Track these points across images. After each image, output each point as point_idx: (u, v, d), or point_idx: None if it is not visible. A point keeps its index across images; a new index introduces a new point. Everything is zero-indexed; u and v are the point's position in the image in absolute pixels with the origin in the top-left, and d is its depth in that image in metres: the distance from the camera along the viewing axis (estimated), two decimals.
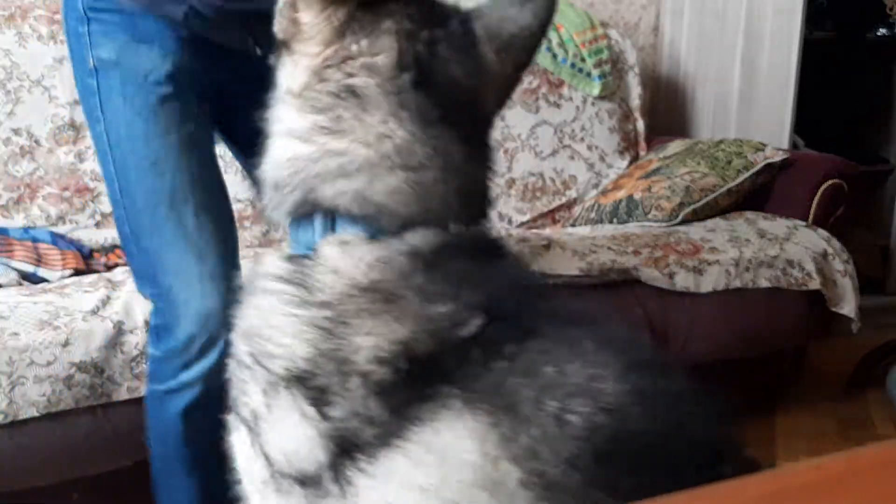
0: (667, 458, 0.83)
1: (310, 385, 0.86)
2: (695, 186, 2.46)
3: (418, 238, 0.90)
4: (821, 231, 2.36)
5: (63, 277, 1.90)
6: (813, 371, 2.69)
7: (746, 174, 2.49)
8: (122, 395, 1.58)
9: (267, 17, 0.95)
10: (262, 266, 0.94)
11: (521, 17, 0.96)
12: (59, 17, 2.19)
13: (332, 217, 0.91)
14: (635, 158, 2.93)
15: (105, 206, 2.19)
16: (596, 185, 2.84)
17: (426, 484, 0.83)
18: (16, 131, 2.13)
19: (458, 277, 0.89)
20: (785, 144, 2.82)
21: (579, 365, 0.85)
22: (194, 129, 1.36)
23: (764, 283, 2.20)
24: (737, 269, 2.17)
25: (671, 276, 2.09)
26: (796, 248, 2.26)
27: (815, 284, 2.24)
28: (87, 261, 2.06)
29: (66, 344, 1.54)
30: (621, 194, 2.57)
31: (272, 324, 0.89)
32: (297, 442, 0.86)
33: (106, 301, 1.65)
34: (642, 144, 2.99)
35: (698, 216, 2.44)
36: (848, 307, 2.31)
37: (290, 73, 0.93)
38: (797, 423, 2.36)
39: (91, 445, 1.60)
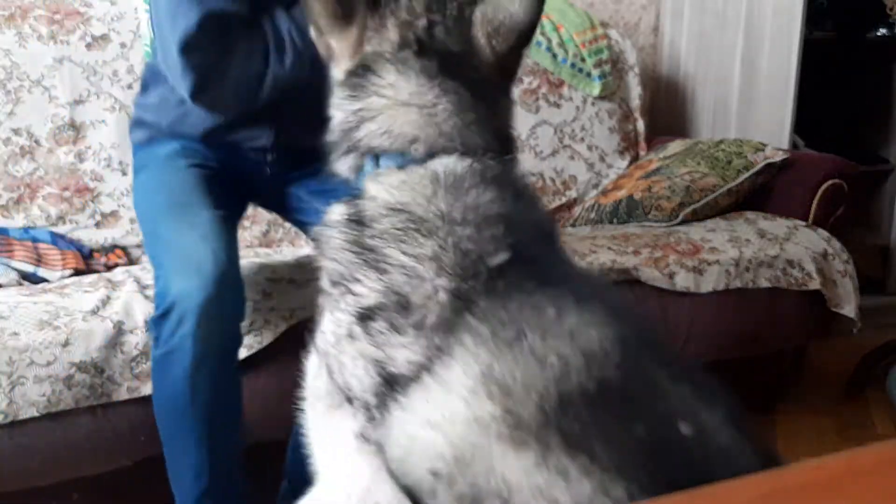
0: (636, 409, 0.89)
1: (363, 308, 0.99)
2: (695, 186, 2.46)
3: (441, 164, 1.05)
4: (821, 231, 2.36)
5: (63, 277, 1.90)
6: (813, 371, 2.70)
7: (746, 174, 2.49)
8: (123, 394, 1.58)
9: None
10: (328, 214, 1.11)
11: (512, 7, 1.11)
12: (58, 17, 2.20)
13: (375, 157, 1.08)
14: (635, 158, 2.93)
15: (105, 206, 2.19)
16: (596, 186, 2.84)
17: (434, 419, 0.91)
18: (16, 131, 2.13)
19: (481, 206, 1.02)
20: (785, 144, 2.81)
21: (575, 315, 0.93)
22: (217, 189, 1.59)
23: (764, 283, 2.20)
24: (737, 269, 2.17)
25: (671, 276, 2.09)
26: (796, 248, 2.26)
27: (815, 285, 2.24)
28: (87, 261, 2.06)
29: (66, 344, 1.54)
30: (621, 194, 2.57)
31: (340, 264, 1.04)
32: (349, 362, 0.98)
33: (106, 301, 1.65)
34: (642, 144, 2.99)
35: (698, 216, 2.44)
36: (848, 307, 2.31)
37: (335, 72, 1.15)
38: (797, 423, 2.36)
39: (91, 445, 1.60)
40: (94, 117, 2.19)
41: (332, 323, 1.03)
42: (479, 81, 1.11)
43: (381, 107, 1.09)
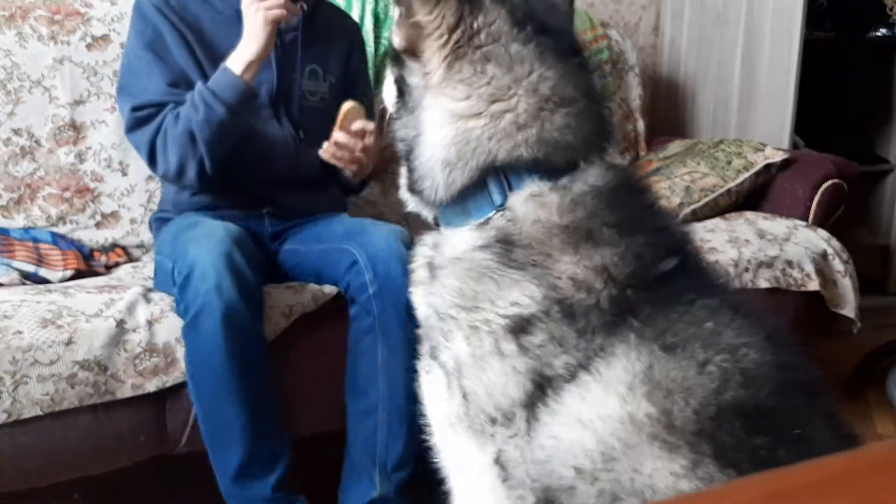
0: (783, 435, 0.88)
1: (514, 321, 0.96)
2: (695, 187, 2.46)
3: (594, 176, 1.00)
4: (821, 231, 2.36)
5: (64, 278, 1.90)
6: None
7: (746, 174, 2.49)
8: (126, 392, 1.59)
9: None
10: (443, 246, 1.06)
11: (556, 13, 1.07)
12: (59, 17, 2.20)
13: (505, 175, 1.00)
14: (635, 158, 2.93)
15: (105, 206, 2.19)
16: None
17: (587, 417, 0.91)
18: (16, 131, 2.13)
19: (643, 214, 1.01)
20: (785, 144, 2.82)
21: (733, 330, 0.93)
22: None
23: (763, 284, 2.20)
24: (736, 269, 2.17)
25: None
26: (796, 249, 2.26)
27: (814, 285, 2.24)
28: (87, 261, 2.06)
29: (69, 342, 1.54)
30: None
31: (480, 283, 0.99)
32: (497, 381, 0.96)
33: (109, 300, 1.66)
34: (642, 145, 2.99)
35: (698, 216, 2.44)
36: (848, 307, 2.31)
37: (422, 71, 1.04)
38: None
39: (92, 446, 1.60)
40: (95, 118, 2.19)
41: (468, 346, 0.99)
42: (585, 68, 1.05)
43: (531, 110, 0.99)
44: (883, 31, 3.28)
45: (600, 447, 0.90)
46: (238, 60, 1.73)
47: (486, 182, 1.01)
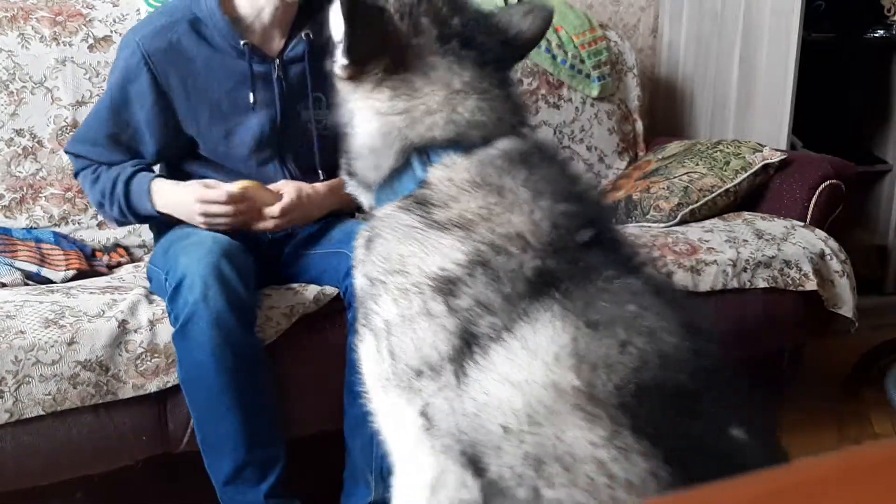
0: (697, 417, 0.95)
1: (441, 282, 1.04)
2: (693, 187, 2.47)
3: (505, 143, 1.12)
4: (818, 231, 2.37)
5: (66, 278, 1.91)
6: (811, 371, 2.70)
7: (745, 175, 2.50)
8: (128, 392, 1.59)
9: None
10: (377, 214, 1.16)
11: (523, 23, 1.24)
12: (61, 18, 2.21)
13: (426, 154, 1.13)
14: (634, 159, 2.94)
15: None
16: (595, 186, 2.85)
17: (516, 379, 0.97)
18: (18, 132, 2.14)
19: (558, 180, 1.09)
20: (783, 145, 2.82)
21: (654, 314, 1.00)
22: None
23: (761, 284, 2.21)
24: (734, 269, 2.18)
25: (669, 275, 2.10)
26: (794, 249, 2.27)
27: (812, 285, 2.24)
28: (89, 261, 2.06)
29: (71, 343, 1.55)
30: (620, 195, 2.58)
31: (405, 244, 1.08)
32: (425, 337, 1.04)
33: (111, 300, 1.66)
34: (641, 145, 3.00)
35: (696, 217, 2.45)
36: (846, 307, 2.32)
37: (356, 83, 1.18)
38: (795, 422, 2.37)
39: (94, 445, 1.60)
40: None
41: (396, 307, 1.08)
42: (504, 69, 1.21)
43: (442, 99, 1.14)
44: (881, 32, 3.28)
45: (527, 409, 0.95)
46: (165, 200, 1.75)
47: (410, 162, 1.14)
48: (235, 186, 1.70)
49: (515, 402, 0.96)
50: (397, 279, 1.08)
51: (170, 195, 1.75)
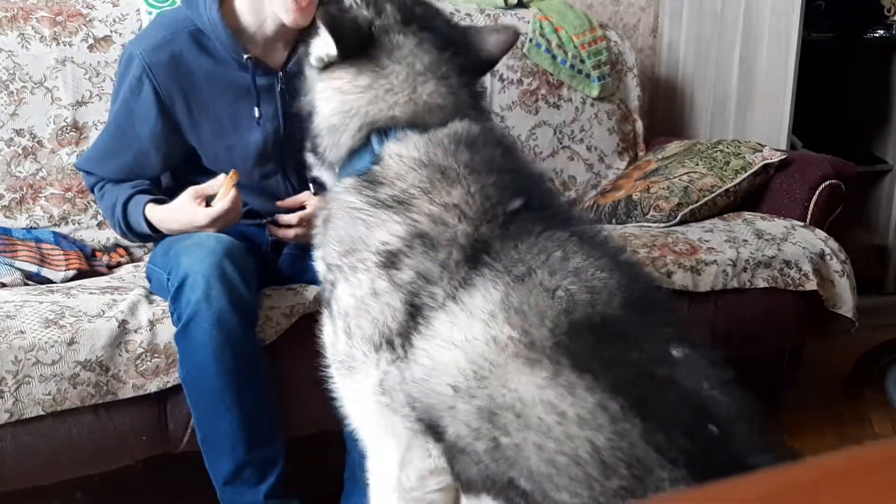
0: (634, 343, 1.02)
1: (384, 257, 1.11)
2: (693, 187, 2.47)
3: (457, 126, 1.19)
4: (818, 231, 2.37)
5: (66, 278, 1.91)
6: (810, 371, 2.70)
7: (745, 175, 2.50)
8: (128, 392, 1.59)
9: None
10: (333, 193, 1.23)
11: (490, 39, 1.33)
12: (61, 18, 2.21)
13: (384, 133, 1.20)
14: (634, 159, 2.94)
15: None
16: (595, 186, 2.85)
17: (458, 340, 1.04)
18: (18, 132, 2.14)
19: (496, 159, 1.17)
20: (783, 145, 2.82)
21: (581, 256, 1.07)
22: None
23: (761, 284, 2.21)
24: (734, 269, 2.18)
25: (669, 275, 2.10)
26: (794, 249, 2.27)
27: (811, 285, 2.25)
28: (89, 261, 2.06)
29: (71, 343, 1.55)
30: (620, 195, 2.58)
31: (354, 226, 1.15)
32: (375, 314, 1.11)
33: (111, 300, 1.66)
34: (641, 145, 3.00)
35: (696, 217, 2.45)
36: (846, 307, 2.32)
37: (321, 52, 1.26)
38: (795, 422, 2.37)
39: (93, 445, 1.60)
40: (97, 118, 2.20)
41: (349, 287, 1.14)
42: (469, 61, 1.29)
43: (404, 78, 1.21)
44: (880, 32, 3.28)
45: (471, 366, 1.02)
46: (161, 216, 1.74)
47: (369, 140, 1.21)
48: (223, 176, 1.70)
49: (460, 361, 1.02)
50: (349, 259, 1.15)
51: (165, 211, 1.73)
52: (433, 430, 1.06)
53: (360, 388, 1.15)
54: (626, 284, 1.06)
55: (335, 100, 1.24)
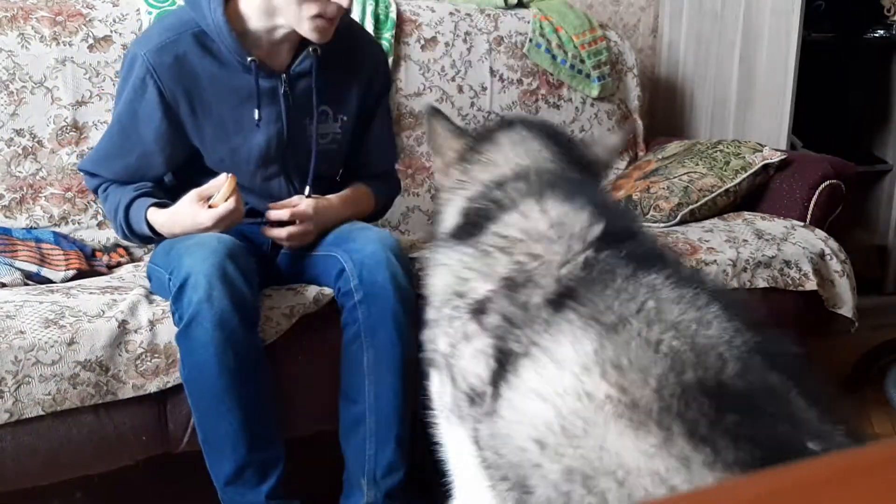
0: (750, 413, 0.85)
1: (474, 304, 1.08)
2: (693, 187, 2.47)
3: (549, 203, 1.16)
4: (818, 231, 2.37)
5: (66, 278, 1.91)
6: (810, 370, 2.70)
7: (745, 175, 2.50)
8: (128, 392, 1.59)
9: None
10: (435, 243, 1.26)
11: (598, 150, 1.42)
12: (61, 18, 2.20)
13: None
14: (634, 159, 2.94)
15: None
16: None
17: (545, 392, 0.94)
18: (18, 132, 2.14)
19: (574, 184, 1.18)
20: (783, 145, 2.82)
21: (681, 306, 0.95)
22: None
23: (761, 284, 2.21)
24: (734, 269, 2.18)
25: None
26: (794, 249, 2.27)
27: (811, 285, 2.25)
28: (89, 261, 2.06)
29: (71, 343, 1.55)
30: (620, 195, 2.58)
31: (450, 277, 1.15)
32: (469, 363, 1.06)
33: (111, 300, 1.66)
34: (641, 145, 3.00)
35: (696, 216, 2.45)
36: (846, 307, 2.32)
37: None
38: None
39: (94, 445, 1.60)
40: (97, 118, 2.20)
41: (446, 336, 1.13)
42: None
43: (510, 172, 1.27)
44: (880, 32, 3.28)
45: (561, 421, 0.90)
46: (163, 219, 1.74)
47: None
48: (224, 175, 1.70)
49: (547, 415, 0.92)
50: (445, 311, 1.13)
51: (167, 215, 1.73)
52: (522, 487, 0.96)
53: (459, 440, 1.11)
54: (744, 347, 0.91)
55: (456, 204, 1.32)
